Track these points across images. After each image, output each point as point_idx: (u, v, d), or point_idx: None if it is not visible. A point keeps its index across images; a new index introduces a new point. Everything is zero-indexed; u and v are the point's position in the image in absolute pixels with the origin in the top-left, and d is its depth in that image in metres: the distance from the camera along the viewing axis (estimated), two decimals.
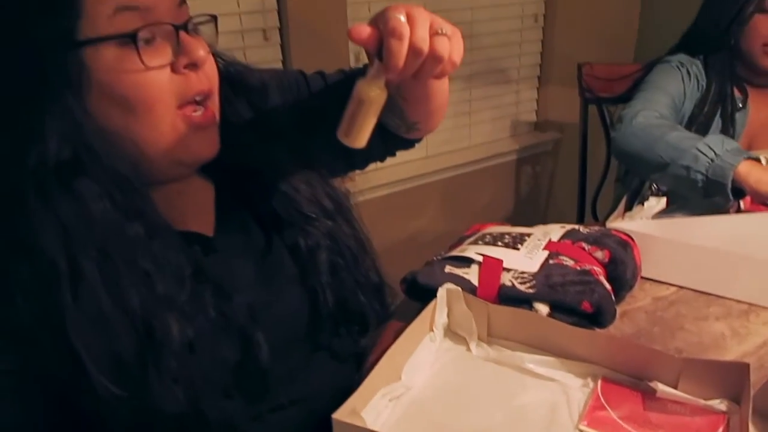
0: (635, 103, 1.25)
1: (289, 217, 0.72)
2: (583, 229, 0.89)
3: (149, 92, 0.58)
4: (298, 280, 0.72)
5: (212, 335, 0.61)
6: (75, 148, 0.56)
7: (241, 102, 0.71)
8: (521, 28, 2.05)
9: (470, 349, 0.76)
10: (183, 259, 0.61)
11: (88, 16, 0.56)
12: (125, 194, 0.58)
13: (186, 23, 0.61)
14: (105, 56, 0.57)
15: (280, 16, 1.60)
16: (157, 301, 0.57)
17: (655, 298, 0.88)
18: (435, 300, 0.77)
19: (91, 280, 0.55)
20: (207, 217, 0.71)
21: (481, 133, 2.10)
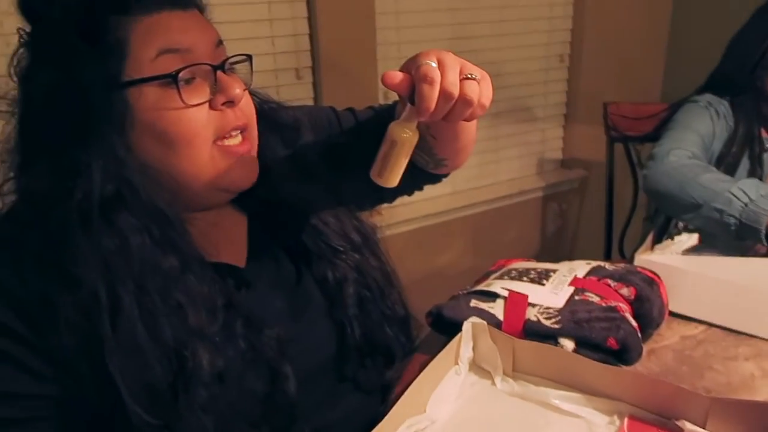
0: (666, 142, 1.26)
1: (318, 250, 0.74)
2: (608, 265, 0.89)
3: (189, 128, 0.62)
4: (326, 313, 0.74)
5: (241, 367, 0.62)
6: (117, 183, 0.59)
7: (274, 138, 0.74)
8: (547, 68, 2.08)
9: (495, 383, 0.76)
10: (215, 291, 0.63)
11: (133, 59, 0.60)
12: (162, 228, 0.61)
13: (223, 63, 0.65)
14: (148, 96, 0.60)
15: (313, 56, 1.66)
16: (189, 333, 0.59)
17: (683, 336, 0.88)
18: (460, 334, 0.78)
19: (128, 311, 0.57)
20: (239, 249, 0.73)
21: (507, 170, 2.12)
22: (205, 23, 0.66)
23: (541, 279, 0.85)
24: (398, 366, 0.79)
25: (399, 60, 1.88)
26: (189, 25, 0.63)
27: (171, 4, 0.62)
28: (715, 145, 1.29)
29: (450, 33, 1.84)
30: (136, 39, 0.60)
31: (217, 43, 0.65)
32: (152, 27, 0.61)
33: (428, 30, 1.80)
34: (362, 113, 0.88)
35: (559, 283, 0.85)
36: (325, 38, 1.63)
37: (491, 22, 1.90)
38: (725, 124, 1.29)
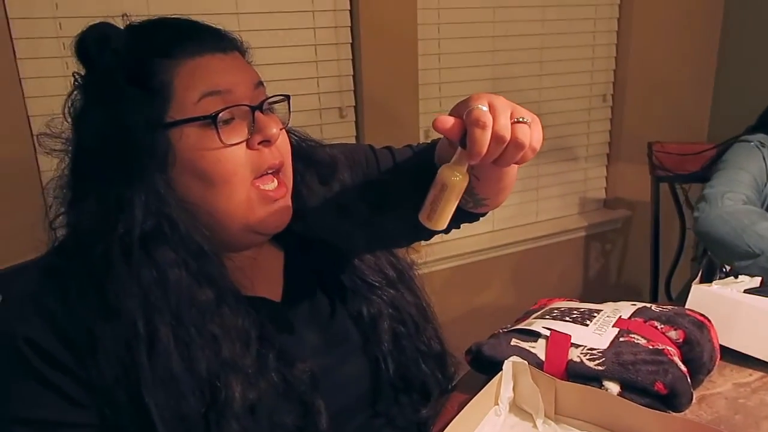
0: (718, 183, 1.23)
1: (353, 286, 0.75)
2: (655, 307, 0.87)
3: (227, 167, 0.64)
4: (361, 348, 0.74)
5: (274, 400, 0.63)
6: (158, 219, 0.62)
7: (310, 175, 0.76)
8: (589, 108, 2.07)
9: (536, 425, 0.74)
10: (249, 324, 0.64)
11: (177, 102, 0.63)
12: (199, 262, 0.63)
13: (261, 103, 0.67)
14: (189, 136, 0.63)
15: (356, 95, 1.70)
16: (222, 365, 0.61)
17: (737, 384, 0.84)
18: (500, 373, 0.76)
19: (165, 342, 0.59)
20: (276, 283, 0.75)
21: (548, 210, 2.10)
22: (245, 65, 0.69)
23: (585, 319, 0.83)
24: (434, 403, 0.78)
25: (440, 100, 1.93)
26: (229, 68, 0.66)
27: (212, 49, 0.65)
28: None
29: (491, 73, 1.86)
30: (180, 82, 0.63)
31: (256, 84, 0.68)
32: (195, 71, 0.64)
33: (469, 70, 1.83)
34: (400, 152, 0.89)
35: (603, 323, 0.82)
36: (368, 79, 1.67)
37: (532, 62, 1.92)
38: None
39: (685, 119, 2.14)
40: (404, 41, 1.69)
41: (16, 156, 1.31)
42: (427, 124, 1.80)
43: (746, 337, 0.87)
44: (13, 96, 1.30)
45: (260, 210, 0.67)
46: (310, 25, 1.59)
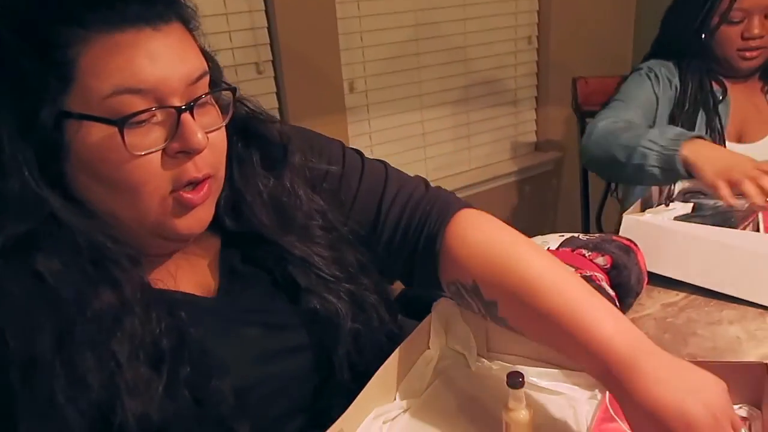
0: (601, 113, 1.28)
1: (307, 282, 0.64)
2: (582, 236, 0.86)
3: (135, 178, 0.53)
4: (310, 349, 0.64)
5: (185, 423, 0.53)
6: (39, 219, 0.51)
7: (253, 155, 0.64)
8: (515, 51, 2.05)
9: (469, 365, 0.72)
10: (162, 331, 0.54)
11: (81, 90, 0.50)
12: (99, 265, 0.53)
13: (192, 103, 0.54)
14: (90, 133, 0.51)
15: (273, 49, 1.61)
16: (119, 390, 0.51)
17: (664, 304, 0.84)
18: (430, 315, 0.73)
19: (45, 366, 0.49)
20: (209, 276, 0.64)
21: (480, 156, 2.09)
22: (185, 48, 0.54)
23: None
24: None
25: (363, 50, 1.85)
26: (161, 54, 0.52)
27: (140, 19, 0.51)
28: (662, 109, 1.30)
29: (414, 19, 1.81)
30: (89, 65, 0.50)
31: (194, 78, 0.54)
32: (111, 52, 0.50)
33: (391, 17, 1.77)
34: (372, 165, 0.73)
35: None
36: (284, 30, 1.58)
37: (455, 7, 1.86)
38: (669, 84, 1.31)
39: (609, 54, 2.15)
40: None
41: None
42: (350, 75, 1.73)
43: (676, 262, 0.87)
44: None
45: (173, 218, 0.56)
46: None
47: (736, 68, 1.29)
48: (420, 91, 1.89)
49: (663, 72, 1.32)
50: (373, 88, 1.79)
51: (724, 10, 1.23)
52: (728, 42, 1.26)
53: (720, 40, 1.26)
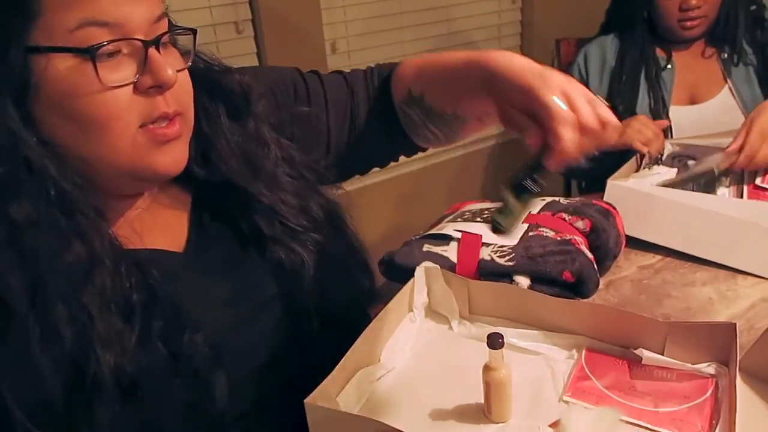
0: None
1: (272, 233, 0.65)
2: (563, 200, 0.87)
3: (105, 111, 0.53)
4: (281, 301, 0.65)
5: (160, 376, 0.55)
6: (10, 164, 0.51)
7: (217, 109, 0.65)
8: (499, 10, 2.03)
9: (452, 327, 0.74)
10: (132, 287, 0.55)
11: (46, 23, 0.51)
12: (69, 216, 0.53)
13: (158, 38, 0.55)
14: (57, 66, 0.51)
15: (252, 7, 1.57)
16: (92, 340, 0.51)
17: (641, 266, 0.87)
18: (413, 279, 0.74)
19: (19, 317, 0.50)
20: (178, 232, 0.65)
21: None
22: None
23: None
24: None
25: (344, 9, 1.82)
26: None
27: None
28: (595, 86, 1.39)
29: None
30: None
31: (156, 17, 0.55)
32: None
33: None
34: (328, 76, 0.79)
35: None
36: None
37: None
38: (601, 64, 1.40)
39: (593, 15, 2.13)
40: None
41: None
42: (332, 35, 1.70)
43: (655, 226, 0.90)
44: None
45: (148, 154, 0.56)
46: None
47: (680, 36, 1.34)
48: (403, 52, 1.87)
49: (595, 54, 1.40)
50: (356, 49, 1.77)
51: None
52: (668, 13, 1.31)
53: (660, 11, 1.31)
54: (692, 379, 0.62)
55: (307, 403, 0.55)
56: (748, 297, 0.78)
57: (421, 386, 0.67)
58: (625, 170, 1.06)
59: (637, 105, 1.34)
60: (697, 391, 0.61)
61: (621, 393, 0.61)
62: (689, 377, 0.62)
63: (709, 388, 0.61)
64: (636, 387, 0.62)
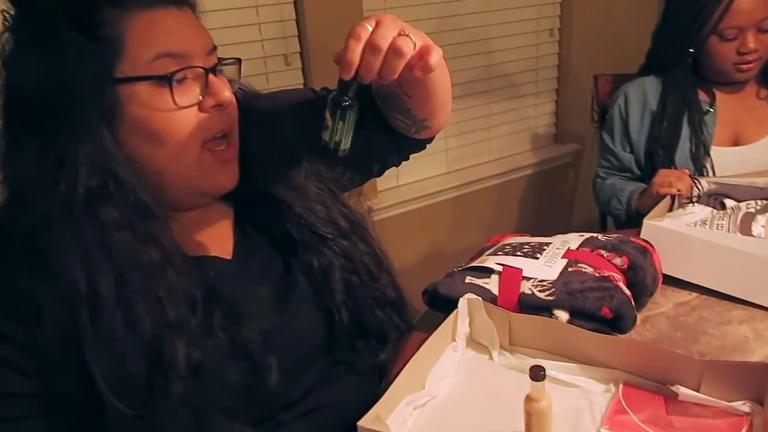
0: (599, 165, 1.51)
1: (303, 239, 0.75)
2: (601, 236, 0.90)
3: (178, 128, 0.63)
4: (313, 300, 0.74)
5: (220, 359, 0.63)
6: (103, 176, 0.60)
7: (254, 128, 0.74)
8: (537, 43, 2.07)
9: (492, 357, 0.78)
10: (195, 285, 0.64)
11: (129, 58, 0.61)
12: (145, 222, 0.62)
13: (215, 66, 0.66)
14: (140, 93, 0.61)
15: (301, 41, 1.65)
16: (166, 326, 0.60)
17: (677, 303, 0.89)
18: (456, 310, 0.79)
19: (108, 305, 0.58)
20: (225, 242, 0.74)
21: (500, 148, 2.12)
22: (200, 27, 0.67)
23: (535, 253, 0.86)
24: (392, 346, 0.80)
25: None
26: (185, 28, 0.64)
27: (166, 1, 0.63)
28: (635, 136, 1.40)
29: (438, 11, 1.83)
30: (133, 37, 0.61)
31: (210, 50, 0.67)
32: (150, 26, 0.61)
33: (416, 9, 1.79)
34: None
35: (552, 255, 0.85)
36: (312, 23, 1.62)
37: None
38: (642, 107, 1.39)
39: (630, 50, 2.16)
40: None
41: None
42: None
43: (690, 265, 0.91)
44: None
45: (210, 172, 0.66)
46: None
47: (731, 79, 1.32)
48: None
49: (635, 94, 1.40)
50: None
51: (719, 28, 1.25)
52: (724, 58, 1.29)
53: (715, 55, 1.29)
54: (727, 417, 0.64)
55: (360, 426, 0.60)
56: None
57: (463, 413, 0.70)
58: (660, 210, 1.08)
59: (678, 149, 1.33)
60: (731, 428, 0.63)
61: (657, 428, 0.64)
62: (724, 414, 0.64)
63: (744, 426, 0.63)
64: (672, 422, 0.64)
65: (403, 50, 0.59)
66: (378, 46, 0.58)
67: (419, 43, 0.61)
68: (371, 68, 0.59)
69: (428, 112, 0.79)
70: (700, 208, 1.05)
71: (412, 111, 0.78)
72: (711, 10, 1.25)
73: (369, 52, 0.59)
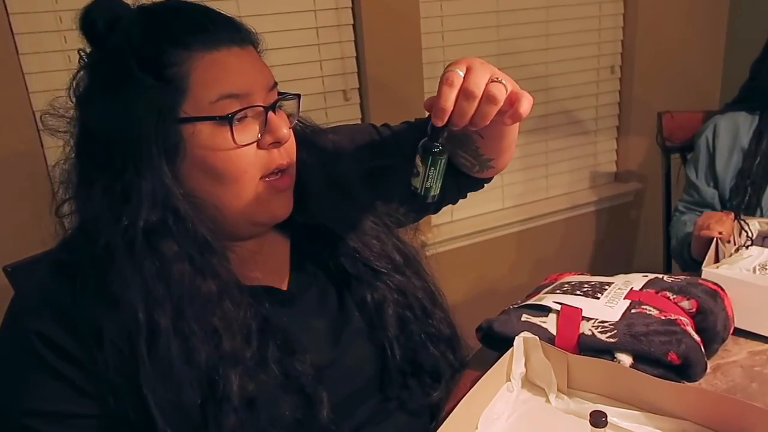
0: (681, 198, 1.45)
1: (357, 273, 0.74)
2: (667, 278, 0.86)
3: (237, 166, 0.64)
4: (367, 335, 0.73)
5: (273, 392, 0.63)
6: (163, 211, 0.61)
7: (313, 161, 0.75)
8: (597, 80, 2.04)
9: (549, 400, 0.74)
10: (251, 316, 0.64)
11: (193, 98, 0.62)
12: (203, 255, 0.63)
13: (274, 103, 0.67)
14: (202, 132, 0.63)
15: (360, 77, 1.68)
16: (222, 358, 0.60)
17: (752, 352, 0.83)
18: (512, 349, 0.76)
19: (165, 335, 0.59)
20: (281, 272, 0.75)
21: (558, 185, 2.08)
22: (261, 65, 0.68)
23: (596, 292, 0.83)
24: (445, 385, 0.77)
25: None
26: (247, 67, 0.65)
27: (229, 41, 0.64)
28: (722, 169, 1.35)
29: (496, 49, 1.84)
30: (197, 78, 0.62)
31: (271, 86, 0.67)
32: (213, 67, 0.62)
33: (474, 47, 1.80)
34: (397, 126, 0.88)
35: (614, 296, 0.82)
36: (371, 60, 1.65)
37: (538, 36, 1.88)
38: (731, 138, 1.34)
39: (695, 87, 2.10)
40: (406, 19, 1.66)
41: (22, 147, 1.31)
42: None
43: (758, 316, 0.85)
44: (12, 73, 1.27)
45: (265, 201, 0.67)
46: (311, 8, 1.57)
47: None
48: None
49: (726, 129, 1.35)
50: None
51: None
52: None
53: None
54: None
55: None
56: None
57: None
58: (710, 258, 1.01)
59: (767, 189, 1.27)
60: None
61: None
62: None
63: None
64: None
65: (498, 97, 0.59)
66: (473, 94, 0.58)
67: (509, 88, 0.60)
68: (465, 115, 0.59)
69: (496, 152, 0.78)
70: (757, 251, 0.98)
71: (480, 150, 0.77)
72: None
73: (463, 98, 0.58)
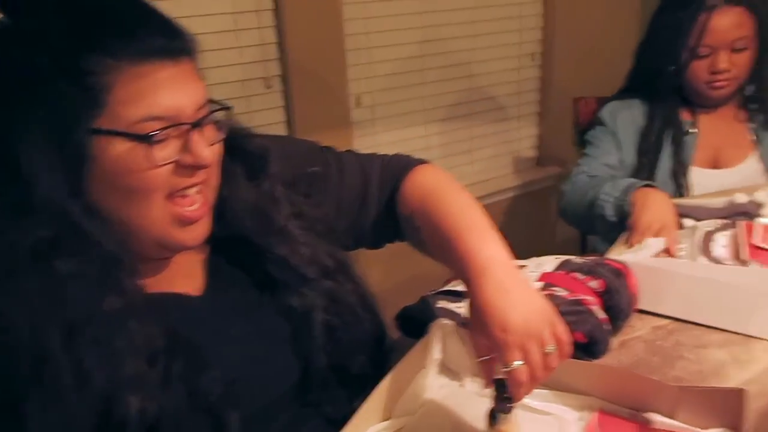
0: (580, 164, 1.39)
1: (284, 279, 0.71)
2: (577, 259, 0.89)
3: (149, 184, 0.59)
4: (290, 342, 0.70)
5: (178, 413, 0.59)
6: (59, 226, 0.56)
7: (239, 168, 0.71)
8: (519, 67, 2.09)
9: (464, 384, 0.75)
10: (158, 332, 0.60)
11: (111, 113, 0.56)
12: (106, 270, 0.58)
13: (200, 120, 0.61)
14: (115, 147, 0.57)
15: (282, 64, 1.65)
16: (120, 381, 0.56)
17: (654, 327, 0.87)
18: (427, 336, 0.76)
19: (54, 358, 0.54)
20: (197, 278, 0.70)
21: (482, 171, 2.12)
22: (195, 81, 0.62)
23: None
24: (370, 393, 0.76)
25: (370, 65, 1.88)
26: (178, 87, 0.59)
27: (161, 53, 0.58)
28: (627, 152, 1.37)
29: (420, 36, 1.84)
30: (120, 93, 0.56)
31: (201, 105, 0.62)
32: (139, 83, 0.56)
33: (398, 34, 1.80)
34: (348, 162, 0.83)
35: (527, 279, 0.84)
36: (293, 46, 1.62)
37: (461, 23, 1.90)
38: (632, 126, 1.38)
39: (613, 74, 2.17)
40: (328, 5, 1.64)
41: None
42: (357, 90, 1.77)
43: (664, 298, 0.90)
44: None
45: (175, 231, 0.62)
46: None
47: (706, 98, 1.34)
48: (425, 106, 1.92)
49: (623, 116, 1.39)
50: (380, 103, 1.83)
51: (693, 45, 1.28)
52: (697, 75, 1.31)
53: (689, 73, 1.32)
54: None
55: None
56: (763, 361, 0.78)
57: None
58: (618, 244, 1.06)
59: (659, 165, 1.34)
60: None
61: None
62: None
63: None
64: None
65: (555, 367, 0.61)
66: (540, 380, 0.60)
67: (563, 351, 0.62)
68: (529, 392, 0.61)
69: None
70: (655, 241, 1.03)
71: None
72: (688, 28, 1.27)
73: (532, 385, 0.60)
